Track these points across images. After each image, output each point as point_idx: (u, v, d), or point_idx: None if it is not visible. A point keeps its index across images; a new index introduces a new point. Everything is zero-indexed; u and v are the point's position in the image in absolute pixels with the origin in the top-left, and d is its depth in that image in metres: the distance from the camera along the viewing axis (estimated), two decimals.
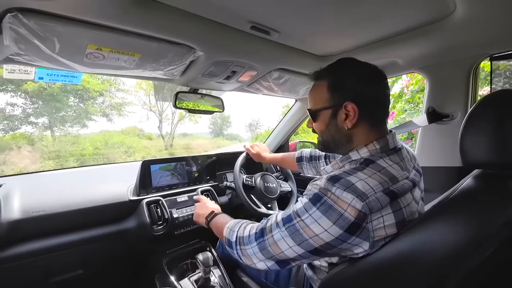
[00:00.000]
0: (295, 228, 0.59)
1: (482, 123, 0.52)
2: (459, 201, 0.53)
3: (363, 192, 0.54)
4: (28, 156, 6.81)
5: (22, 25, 0.56)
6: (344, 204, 0.54)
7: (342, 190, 0.55)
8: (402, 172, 0.62)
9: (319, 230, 0.56)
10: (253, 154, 1.32)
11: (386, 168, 0.60)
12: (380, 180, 0.57)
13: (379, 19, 0.84)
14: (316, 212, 0.57)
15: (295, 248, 0.59)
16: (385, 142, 0.66)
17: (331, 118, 0.69)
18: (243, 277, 1.09)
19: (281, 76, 1.21)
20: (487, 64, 1.73)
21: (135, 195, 1.23)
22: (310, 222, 0.57)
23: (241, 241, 0.69)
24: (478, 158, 0.53)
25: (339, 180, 0.57)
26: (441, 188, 0.64)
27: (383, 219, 0.55)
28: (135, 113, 15.74)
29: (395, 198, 0.57)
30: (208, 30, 0.80)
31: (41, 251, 0.99)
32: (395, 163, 0.63)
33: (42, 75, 0.88)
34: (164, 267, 1.19)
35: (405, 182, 0.60)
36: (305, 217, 0.58)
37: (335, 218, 0.55)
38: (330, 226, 0.55)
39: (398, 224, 0.56)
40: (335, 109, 0.68)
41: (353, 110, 0.64)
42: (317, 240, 0.57)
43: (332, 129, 0.70)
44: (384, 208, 0.55)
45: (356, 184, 0.56)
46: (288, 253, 0.61)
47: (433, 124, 1.14)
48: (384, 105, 0.69)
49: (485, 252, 0.43)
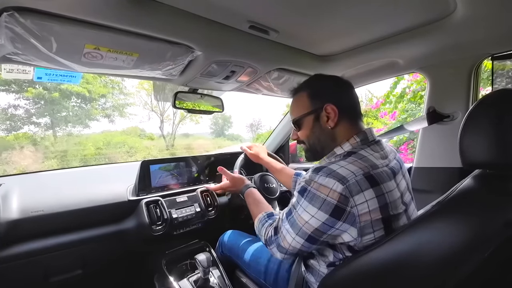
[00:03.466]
0: (293, 219, 0.67)
1: (482, 123, 0.51)
2: (458, 201, 0.52)
3: (344, 176, 0.60)
4: (30, 156, 6.85)
5: (18, 24, 0.56)
6: (326, 189, 0.60)
7: (325, 176, 0.61)
8: (382, 161, 0.68)
9: (307, 217, 0.63)
10: (251, 155, 1.31)
11: (366, 157, 0.66)
12: (361, 166, 0.62)
13: (379, 19, 0.83)
14: (304, 201, 0.64)
15: (296, 238, 0.66)
16: (364, 135, 0.73)
17: (314, 121, 0.77)
18: (242, 278, 1.09)
19: (281, 76, 1.21)
20: (490, 64, 1.71)
21: (134, 195, 1.23)
22: (301, 212, 0.65)
23: (268, 242, 0.77)
24: (478, 158, 0.52)
25: (322, 169, 0.64)
26: (442, 189, 0.63)
27: (367, 204, 0.59)
28: (136, 115, 15.78)
29: (377, 184, 0.61)
30: (206, 30, 0.80)
31: (40, 251, 0.99)
32: (375, 152, 0.69)
33: (40, 74, 0.88)
34: (163, 267, 1.19)
35: (385, 170, 0.65)
36: (298, 208, 0.66)
37: (320, 204, 0.61)
38: (316, 211, 0.61)
39: (382, 209, 0.60)
40: (317, 113, 0.76)
41: (333, 111, 0.72)
42: (308, 227, 0.63)
43: (317, 131, 0.76)
44: (366, 192, 0.59)
45: (337, 170, 0.61)
46: (294, 244, 0.67)
47: (434, 124, 1.14)
48: (356, 106, 0.78)
49: (485, 252, 0.42)
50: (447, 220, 0.51)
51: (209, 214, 1.33)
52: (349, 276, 0.60)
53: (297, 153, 1.97)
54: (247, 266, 1.04)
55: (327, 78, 0.81)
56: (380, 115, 3.42)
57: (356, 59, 1.13)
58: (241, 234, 1.22)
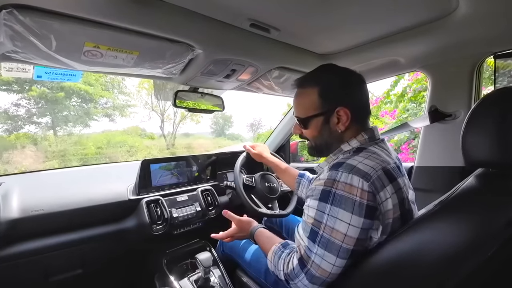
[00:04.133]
0: (325, 239, 0.57)
1: (484, 121, 0.51)
2: (461, 200, 0.52)
3: (366, 173, 0.56)
4: (31, 156, 6.86)
5: (17, 22, 0.56)
6: (353, 189, 0.55)
7: (347, 173, 0.57)
8: (390, 158, 0.66)
9: (344, 228, 0.55)
10: (254, 154, 1.30)
11: (377, 153, 0.64)
12: (376, 161, 0.60)
13: (381, 17, 0.83)
14: (331, 208, 0.56)
15: (338, 262, 0.56)
16: (372, 133, 0.70)
17: (323, 124, 0.71)
18: (243, 277, 1.08)
19: (282, 75, 1.20)
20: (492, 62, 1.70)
21: (134, 194, 1.23)
22: (333, 222, 0.56)
23: (289, 277, 0.64)
24: (480, 157, 0.51)
25: (341, 165, 0.59)
26: (444, 188, 0.63)
27: (390, 200, 0.57)
28: (137, 113, 15.78)
29: (395, 179, 0.60)
30: (207, 28, 0.80)
31: (40, 250, 0.99)
32: (383, 149, 0.67)
33: (40, 73, 0.88)
34: (163, 266, 1.18)
35: (394, 167, 0.64)
36: (325, 219, 0.57)
37: (351, 207, 0.55)
38: (350, 217, 0.54)
39: (400, 205, 0.59)
40: (327, 115, 0.70)
41: (345, 115, 0.67)
42: (349, 241, 0.55)
43: (326, 134, 0.72)
44: (387, 188, 0.57)
45: (357, 166, 0.58)
46: (335, 271, 0.57)
47: (436, 123, 1.13)
48: (367, 105, 0.74)
49: (488, 251, 0.42)
50: (449, 220, 0.50)
51: (209, 214, 1.33)
52: (352, 275, 0.60)
53: (297, 153, 1.96)
54: (248, 266, 1.04)
55: (339, 72, 0.73)
56: (381, 115, 3.41)
57: (357, 57, 1.13)
58: None
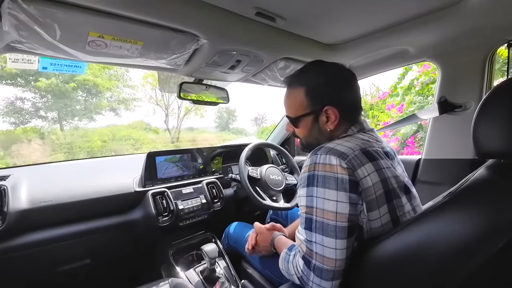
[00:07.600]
0: (319, 223, 0.57)
1: (496, 111, 0.49)
2: (471, 191, 0.51)
3: (343, 152, 0.59)
4: (38, 149, 6.97)
5: (21, 11, 0.55)
6: (332, 167, 0.57)
7: (325, 154, 0.59)
8: (378, 143, 0.68)
9: (333, 206, 0.56)
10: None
11: (359, 137, 0.66)
12: (355, 142, 0.62)
13: (389, 5, 0.80)
14: (317, 189, 0.58)
15: (338, 244, 0.56)
16: (361, 126, 0.71)
17: (313, 123, 0.72)
18: (248, 269, 1.09)
19: (287, 66, 1.18)
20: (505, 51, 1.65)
21: (140, 186, 1.24)
22: (322, 204, 0.57)
23: (303, 280, 0.62)
24: (492, 148, 0.50)
25: (320, 149, 0.62)
26: (452, 181, 0.61)
27: (370, 177, 0.58)
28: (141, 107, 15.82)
29: (375, 159, 0.61)
30: (212, 17, 0.78)
31: (48, 241, 1.01)
32: (371, 136, 0.69)
33: (45, 64, 0.88)
34: (170, 257, 1.20)
35: (380, 150, 0.65)
36: (315, 202, 0.58)
37: (334, 184, 0.56)
38: (336, 194, 0.56)
39: (383, 183, 0.60)
40: (316, 115, 0.70)
41: (333, 114, 0.67)
42: (342, 218, 0.56)
43: (315, 133, 0.73)
44: (366, 166, 0.58)
45: (335, 147, 0.60)
46: (339, 255, 0.56)
47: (445, 114, 1.11)
48: (357, 103, 0.72)
49: (498, 243, 0.41)
50: (460, 211, 0.49)
51: (215, 206, 1.34)
52: (358, 267, 0.59)
53: None
54: (253, 257, 1.04)
55: (326, 70, 0.71)
56: (387, 108, 3.36)
57: (365, 47, 1.10)
58: (246, 225, 1.22)
